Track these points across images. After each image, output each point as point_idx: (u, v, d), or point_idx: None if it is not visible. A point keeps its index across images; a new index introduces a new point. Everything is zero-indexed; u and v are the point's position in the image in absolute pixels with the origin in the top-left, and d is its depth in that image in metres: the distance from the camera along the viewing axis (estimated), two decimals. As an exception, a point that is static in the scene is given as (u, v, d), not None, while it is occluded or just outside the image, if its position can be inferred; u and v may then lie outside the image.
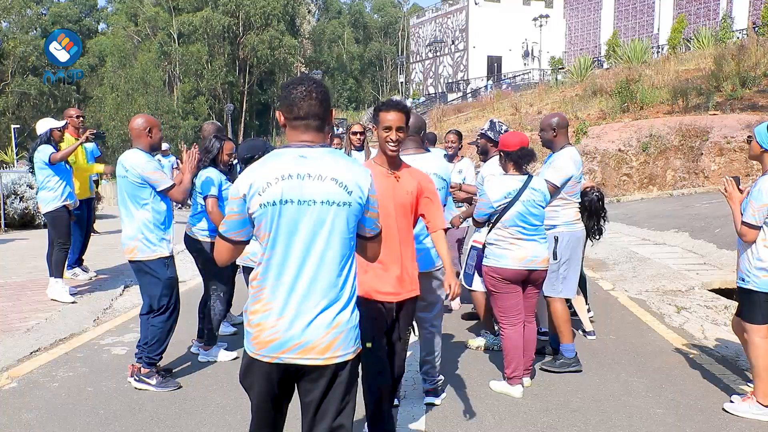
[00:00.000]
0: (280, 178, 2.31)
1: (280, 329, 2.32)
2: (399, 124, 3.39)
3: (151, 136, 4.57)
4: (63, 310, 6.59)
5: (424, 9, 62.25)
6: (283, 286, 2.33)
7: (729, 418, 4.11)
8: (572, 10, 47.87)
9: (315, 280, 2.33)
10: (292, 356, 2.33)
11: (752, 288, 4.07)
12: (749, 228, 4.02)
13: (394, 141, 3.40)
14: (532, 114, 23.86)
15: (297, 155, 2.36)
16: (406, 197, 3.45)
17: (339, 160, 2.41)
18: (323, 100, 2.41)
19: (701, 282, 7.98)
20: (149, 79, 48.56)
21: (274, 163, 2.35)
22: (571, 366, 4.90)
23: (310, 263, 2.33)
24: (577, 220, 5.07)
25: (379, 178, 3.18)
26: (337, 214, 2.34)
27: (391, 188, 3.41)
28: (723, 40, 25.26)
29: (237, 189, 2.36)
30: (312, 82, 2.43)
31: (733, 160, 15.63)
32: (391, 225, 3.30)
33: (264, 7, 56.76)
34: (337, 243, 2.36)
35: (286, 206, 2.31)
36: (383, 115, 3.42)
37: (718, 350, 5.51)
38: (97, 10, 73.24)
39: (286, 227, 2.32)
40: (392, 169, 3.48)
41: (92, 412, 4.23)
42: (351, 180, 2.37)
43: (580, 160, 5.11)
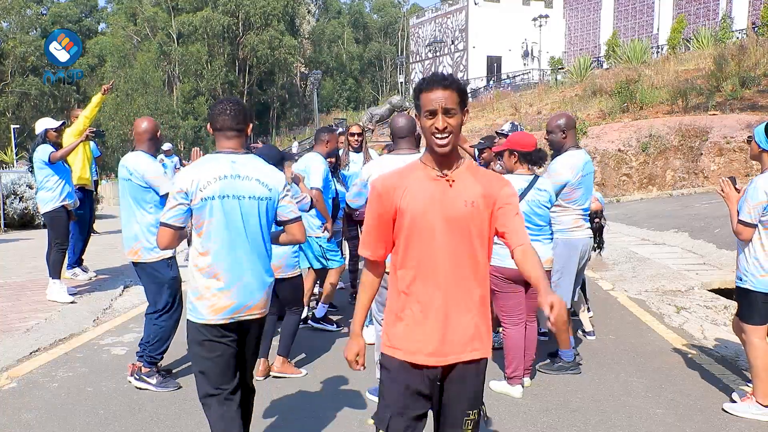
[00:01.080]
0: (218, 178, 2.97)
1: (235, 296, 3.00)
2: (448, 104, 2.31)
3: (155, 139, 4.63)
4: (62, 311, 6.59)
5: (423, 9, 62.24)
6: (234, 263, 2.99)
7: (728, 418, 4.12)
8: (572, 10, 47.87)
9: (252, 255, 3.04)
10: (243, 315, 3.03)
11: (750, 288, 4.08)
12: (745, 226, 4.03)
13: (441, 130, 2.31)
14: (531, 114, 23.88)
15: (229, 160, 3.03)
16: (462, 210, 2.34)
17: (260, 165, 3.11)
18: (236, 117, 3.05)
19: (701, 282, 7.98)
20: (149, 80, 48.58)
21: (212, 165, 3.00)
22: (569, 369, 4.90)
23: (247, 243, 3.02)
24: (575, 228, 4.89)
25: (422, 182, 2.37)
26: (260, 206, 3.04)
27: (437, 196, 2.34)
28: (723, 40, 25.27)
29: (180, 185, 2.95)
30: (229, 102, 3.10)
31: (733, 160, 15.64)
32: (435, 250, 2.32)
33: (264, 7, 56.75)
34: (264, 227, 3.08)
35: (223, 200, 2.96)
36: (425, 97, 2.34)
37: (718, 350, 5.51)
38: (98, 10, 73.23)
39: (224, 217, 2.97)
40: (443, 169, 2.40)
41: (92, 413, 4.23)
42: (270, 180, 3.08)
43: (582, 165, 4.82)
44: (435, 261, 2.33)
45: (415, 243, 2.34)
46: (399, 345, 2.38)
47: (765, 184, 3.97)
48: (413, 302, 2.36)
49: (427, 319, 2.34)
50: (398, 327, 2.39)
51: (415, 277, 2.35)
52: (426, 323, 2.35)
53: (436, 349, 2.34)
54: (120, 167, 4.60)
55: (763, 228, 4.02)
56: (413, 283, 2.36)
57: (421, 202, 2.34)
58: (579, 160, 4.82)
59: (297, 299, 4.92)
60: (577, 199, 4.85)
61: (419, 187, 2.36)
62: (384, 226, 2.41)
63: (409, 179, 2.39)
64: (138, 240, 4.51)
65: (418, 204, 2.34)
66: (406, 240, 2.35)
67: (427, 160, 2.45)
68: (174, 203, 2.96)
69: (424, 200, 2.35)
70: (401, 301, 2.39)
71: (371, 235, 2.45)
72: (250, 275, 3.03)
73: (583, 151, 4.98)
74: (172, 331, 4.67)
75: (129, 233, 4.56)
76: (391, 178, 2.42)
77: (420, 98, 2.37)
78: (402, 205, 2.35)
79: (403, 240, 2.36)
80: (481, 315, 2.40)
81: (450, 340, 2.34)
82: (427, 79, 2.38)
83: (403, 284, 2.38)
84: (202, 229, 2.98)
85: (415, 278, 2.35)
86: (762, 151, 4.05)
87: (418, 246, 2.34)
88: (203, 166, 3.01)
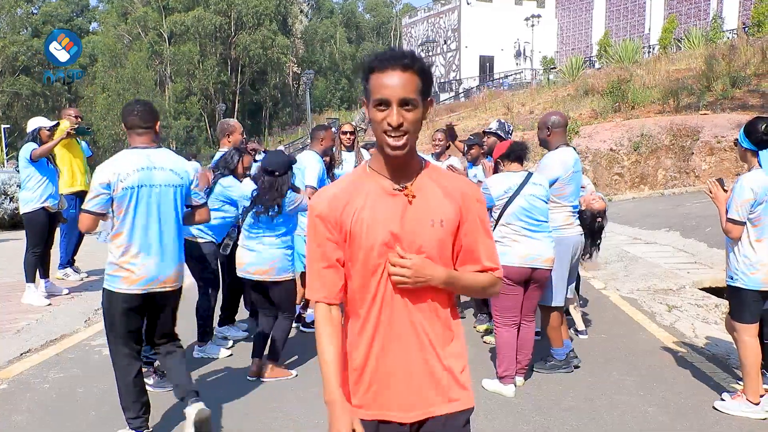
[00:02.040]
0: (136, 170, 3.48)
1: (150, 270, 3.50)
2: (406, 93, 1.74)
3: None
4: (54, 311, 6.55)
5: (416, 9, 62.23)
6: (148, 241, 3.51)
7: (719, 416, 4.14)
8: (564, 10, 47.98)
9: (167, 235, 3.56)
10: (156, 287, 3.55)
11: (741, 286, 4.10)
12: (733, 224, 4.07)
13: (396, 127, 1.75)
14: (524, 114, 23.91)
15: (145, 154, 3.55)
16: (428, 233, 1.84)
17: (171, 156, 3.69)
18: (144, 116, 3.56)
19: (692, 281, 8.02)
20: (140, 79, 48.40)
21: (131, 160, 3.51)
22: (561, 368, 4.91)
23: (162, 224, 3.54)
24: (567, 226, 4.87)
25: (375, 198, 1.85)
26: (174, 192, 3.60)
27: (396, 216, 1.84)
28: (713, 40, 25.37)
29: (103, 177, 3.44)
30: (138, 104, 3.68)
31: (724, 159, 15.71)
32: (390, 284, 1.85)
33: (256, 7, 56.64)
34: (177, 211, 3.63)
35: (141, 189, 3.48)
36: (376, 80, 1.77)
37: (709, 348, 5.54)
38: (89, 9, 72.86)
39: (144, 203, 3.49)
40: (400, 180, 1.86)
41: (83, 414, 4.21)
42: (181, 169, 3.65)
43: (573, 162, 4.85)
44: (396, 299, 1.85)
45: (374, 278, 1.85)
46: (360, 401, 1.90)
47: (750, 182, 4.02)
48: (373, 346, 1.89)
49: (392, 365, 1.88)
50: (357, 375, 1.91)
51: (374, 317, 1.87)
52: (390, 371, 1.88)
53: (404, 402, 1.88)
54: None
55: (751, 226, 4.06)
56: (371, 324, 1.88)
57: (376, 223, 1.82)
58: (570, 157, 4.85)
59: (290, 304, 4.87)
60: (567, 196, 4.86)
61: (371, 205, 1.83)
62: (334, 256, 1.88)
63: (359, 193, 1.86)
64: None
65: (374, 226, 1.82)
66: (361, 272, 1.86)
67: (378, 167, 1.87)
68: (96, 193, 3.45)
69: (380, 221, 1.82)
70: (358, 344, 1.91)
71: (317, 271, 1.90)
72: (163, 253, 3.56)
73: (573, 149, 5.02)
74: None
75: None
76: (335, 195, 1.88)
77: (370, 80, 1.78)
78: (352, 228, 1.84)
79: (357, 270, 1.87)
80: (457, 356, 1.93)
81: (419, 390, 1.88)
82: (380, 55, 1.78)
83: (358, 324, 1.90)
84: (122, 215, 3.49)
85: (374, 318, 1.87)
86: (746, 150, 4.12)
87: (377, 281, 1.85)
88: (123, 160, 3.52)
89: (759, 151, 4.06)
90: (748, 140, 4.08)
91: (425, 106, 1.82)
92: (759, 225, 4.05)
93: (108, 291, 3.55)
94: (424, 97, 1.80)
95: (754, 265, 4.05)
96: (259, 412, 4.23)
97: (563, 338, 4.97)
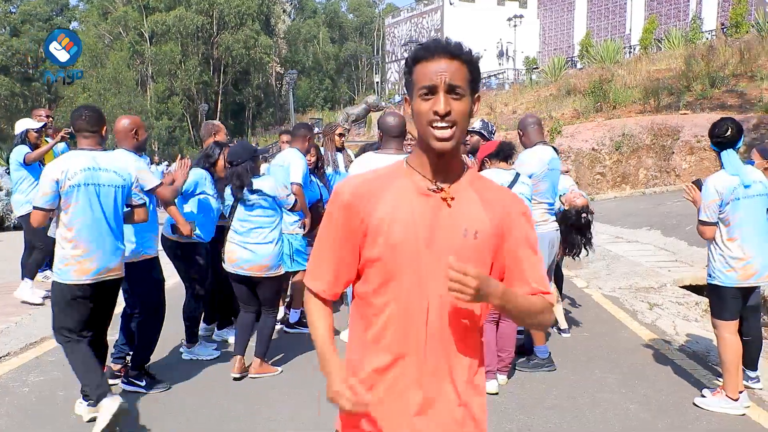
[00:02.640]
0: (82, 169, 3.79)
1: (97, 261, 3.82)
2: (454, 80, 1.61)
3: (137, 137, 4.55)
4: (34, 314, 6.47)
5: (399, 9, 62.28)
6: (94, 235, 3.82)
7: (700, 413, 4.19)
8: (546, 11, 48.27)
9: (110, 229, 3.89)
10: (104, 276, 3.86)
11: (719, 284, 4.18)
12: (704, 225, 4.17)
13: (443, 116, 1.60)
14: (507, 113, 24.04)
15: (91, 156, 3.86)
16: (459, 242, 1.65)
17: (116, 159, 4.04)
18: (90, 121, 3.88)
19: (673, 279, 8.11)
20: (122, 79, 47.86)
21: (78, 160, 3.82)
22: (545, 366, 4.94)
23: (107, 220, 3.87)
24: (542, 222, 4.89)
25: (406, 195, 1.67)
26: (115, 192, 3.92)
27: (427, 220, 1.65)
28: (693, 40, 25.66)
29: (52, 175, 3.73)
30: (86, 109, 3.99)
31: (704, 158, 15.89)
32: (416, 297, 1.65)
33: (238, 6, 56.33)
34: (118, 208, 3.95)
35: (87, 187, 3.79)
36: (422, 69, 1.63)
37: (689, 346, 5.60)
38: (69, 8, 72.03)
39: (87, 200, 3.80)
40: (439, 180, 1.68)
41: (64, 417, 4.16)
42: (124, 171, 3.98)
43: (549, 160, 4.93)
44: (417, 314, 1.64)
45: (392, 284, 1.66)
46: (362, 424, 1.71)
47: (715, 183, 4.14)
48: (384, 362, 1.68)
49: (401, 390, 1.67)
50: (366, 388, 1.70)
51: (386, 326, 1.67)
52: (399, 396, 1.67)
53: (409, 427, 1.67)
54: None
55: (723, 225, 4.15)
56: (384, 334, 1.68)
57: (402, 224, 1.64)
58: (546, 155, 4.94)
59: (275, 300, 4.91)
60: (542, 192, 4.92)
61: (402, 203, 1.66)
62: (347, 250, 1.71)
63: (389, 188, 1.68)
64: None
65: (399, 227, 1.64)
66: (378, 275, 1.68)
67: (417, 164, 1.70)
68: (45, 190, 3.75)
69: (406, 222, 1.64)
70: (366, 354, 1.71)
71: (325, 260, 1.75)
72: (107, 245, 3.88)
73: (551, 147, 5.13)
74: (156, 333, 4.64)
75: None
76: (365, 184, 1.71)
77: (414, 71, 1.64)
78: (375, 223, 1.65)
79: (373, 273, 1.69)
80: (477, 392, 1.73)
81: (431, 424, 1.67)
82: (426, 44, 1.65)
83: (372, 332, 1.69)
84: (69, 210, 3.78)
85: (386, 328, 1.67)
86: (714, 151, 4.28)
87: (396, 289, 1.66)
88: (70, 160, 3.83)
89: (720, 152, 4.16)
90: (711, 142, 4.21)
91: (473, 100, 1.68)
92: (729, 224, 4.12)
93: (60, 284, 3.80)
94: (473, 90, 1.67)
95: (730, 263, 4.13)
96: (242, 412, 4.21)
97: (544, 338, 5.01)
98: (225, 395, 4.49)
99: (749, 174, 4.17)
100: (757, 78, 18.22)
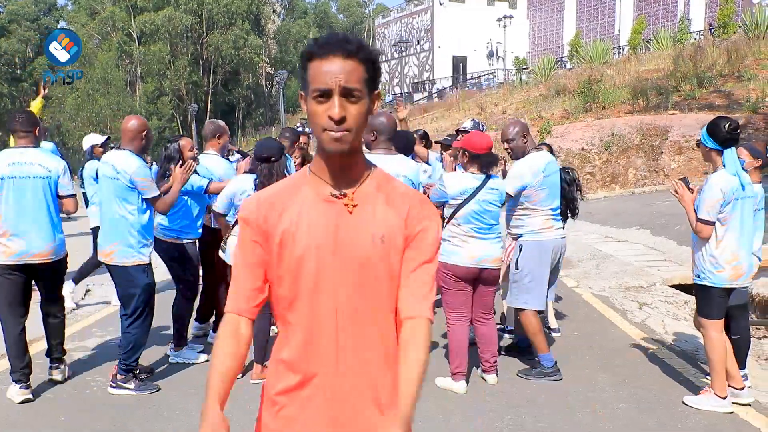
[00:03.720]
0: (9, 164, 4.33)
1: (21, 245, 4.29)
2: (350, 82, 1.53)
3: (145, 139, 4.53)
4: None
5: (389, 9, 62.27)
6: (20, 222, 4.30)
7: (688, 411, 4.22)
8: (535, 11, 48.42)
9: (38, 217, 4.34)
10: (28, 259, 4.34)
11: (708, 284, 4.19)
12: (704, 224, 4.14)
13: (338, 121, 1.53)
14: (497, 114, 24.07)
15: (19, 152, 4.41)
16: (368, 249, 1.61)
17: (41, 154, 4.47)
18: (23, 123, 4.44)
19: (662, 278, 8.16)
20: (110, 79, 47.58)
21: (7, 155, 4.41)
22: (550, 375, 4.78)
23: (34, 209, 4.33)
24: (545, 229, 4.78)
25: (309, 205, 1.63)
26: (43, 184, 4.38)
27: (331, 228, 1.62)
28: (681, 41, 25.79)
29: None
30: (21, 113, 4.68)
31: (692, 158, 15.98)
32: (327, 309, 1.62)
33: (228, 6, 56.11)
34: (46, 198, 4.38)
35: (13, 179, 4.31)
36: (316, 68, 1.54)
37: (679, 345, 5.64)
38: (57, 8, 71.52)
39: (18, 192, 4.31)
40: (341, 185, 1.64)
41: (53, 419, 4.14)
42: (50, 164, 4.42)
43: (544, 166, 4.72)
44: (327, 327, 1.61)
45: (302, 298, 1.62)
46: (301, 418, 1.65)
47: (719, 182, 4.10)
48: (296, 382, 1.64)
49: (317, 411, 1.63)
50: (275, 414, 1.67)
51: (299, 345, 1.63)
52: (312, 411, 1.63)
53: (344, 425, 1.63)
54: (104, 165, 4.54)
55: (721, 225, 4.14)
56: (296, 354, 1.64)
57: (306, 234, 1.60)
58: (539, 162, 4.74)
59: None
60: (542, 200, 4.76)
61: (306, 213, 1.62)
62: (259, 267, 1.67)
63: (293, 198, 1.65)
64: (114, 242, 4.43)
65: (302, 237, 1.60)
66: (289, 290, 1.64)
67: (318, 170, 1.64)
68: None
69: (310, 231, 1.60)
70: (280, 374, 1.68)
71: (241, 279, 1.68)
72: (33, 231, 4.31)
73: (545, 152, 4.95)
74: (144, 337, 4.60)
75: (106, 234, 4.48)
76: (268, 199, 1.67)
77: (308, 69, 1.55)
78: (279, 236, 1.62)
79: (285, 288, 1.65)
80: (388, 400, 1.63)
81: (361, 413, 1.63)
82: (320, 40, 1.56)
83: (285, 351, 1.66)
84: (0, 200, 4.30)
85: (299, 347, 1.63)
86: (710, 150, 4.20)
87: (305, 303, 1.62)
88: (1, 157, 4.37)
89: (723, 151, 4.15)
90: (712, 140, 4.16)
91: (372, 99, 1.59)
92: (726, 224, 4.14)
93: None
94: (371, 89, 1.58)
95: (721, 264, 4.14)
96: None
97: None
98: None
99: (744, 175, 4.18)
100: (744, 78, 18.34)
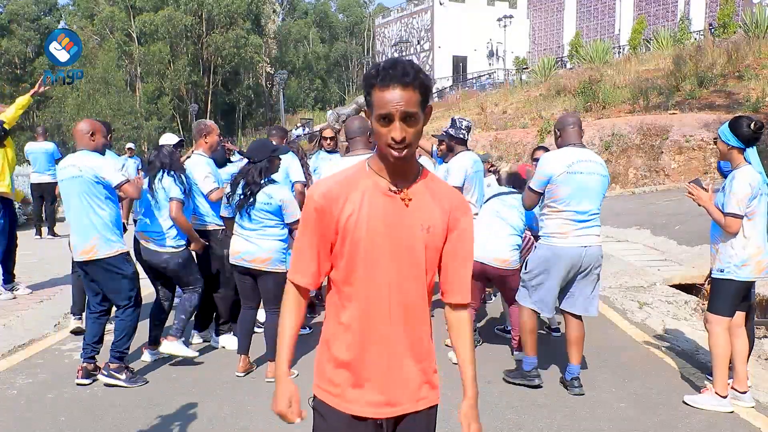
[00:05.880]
0: None
1: None
2: (408, 107, 1.79)
3: (94, 139, 4.66)
4: (22, 316, 6.43)
5: (389, 9, 62.22)
6: None
7: (689, 410, 4.21)
8: (536, 11, 48.39)
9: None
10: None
11: (732, 278, 4.17)
12: (734, 218, 4.11)
13: (399, 142, 1.81)
14: (497, 114, 24.05)
15: None
16: (419, 237, 1.91)
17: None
18: None
19: (662, 278, 8.15)
20: (111, 80, 47.58)
21: None
22: (526, 379, 4.62)
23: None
24: (559, 234, 4.39)
25: (371, 196, 1.90)
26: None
27: (390, 218, 1.89)
28: (681, 41, 25.77)
29: None
30: None
31: (692, 158, 15.98)
32: (382, 285, 1.90)
33: (228, 6, 56.11)
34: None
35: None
36: (379, 96, 1.80)
37: (679, 344, 5.64)
38: (57, 8, 71.48)
39: None
40: (398, 183, 1.91)
41: (53, 420, 4.13)
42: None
43: (572, 161, 4.35)
44: (381, 297, 1.90)
45: (359, 273, 1.91)
46: (335, 390, 1.95)
47: (747, 177, 4.11)
48: (354, 340, 1.93)
49: (371, 361, 1.93)
50: (334, 366, 1.96)
51: (357, 311, 1.93)
52: (369, 367, 1.93)
53: (381, 398, 1.93)
54: (65, 169, 4.60)
55: (747, 219, 4.14)
56: (354, 317, 1.93)
57: (368, 223, 1.88)
58: (569, 157, 4.39)
59: (278, 298, 4.87)
60: (562, 198, 4.35)
61: (368, 203, 1.88)
62: (323, 246, 1.94)
63: (355, 189, 1.91)
64: (91, 237, 4.50)
65: (365, 225, 1.88)
66: (347, 266, 1.92)
67: (377, 167, 1.92)
68: None
69: (372, 221, 1.88)
70: (339, 334, 1.96)
71: (306, 256, 1.97)
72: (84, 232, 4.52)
73: (579, 149, 4.45)
74: (136, 324, 4.68)
75: (81, 231, 4.55)
76: (333, 188, 1.92)
77: (372, 94, 1.82)
78: (344, 221, 1.89)
79: (344, 264, 1.93)
80: (429, 358, 2.02)
81: (396, 388, 1.94)
82: (382, 69, 1.80)
83: (344, 315, 1.95)
84: None
85: (357, 312, 1.93)
86: (731, 148, 4.19)
87: (362, 277, 1.90)
88: None
89: (746, 149, 4.17)
90: (736, 138, 4.16)
91: (426, 115, 1.87)
92: (752, 218, 4.15)
93: None
94: (424, 107, 1.85)
95: (745, 258, 4.14)
96: (249, 413, 4.19)
97: None
98: (215, 396, 4.47)
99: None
100: (744, 78, 18.33)
